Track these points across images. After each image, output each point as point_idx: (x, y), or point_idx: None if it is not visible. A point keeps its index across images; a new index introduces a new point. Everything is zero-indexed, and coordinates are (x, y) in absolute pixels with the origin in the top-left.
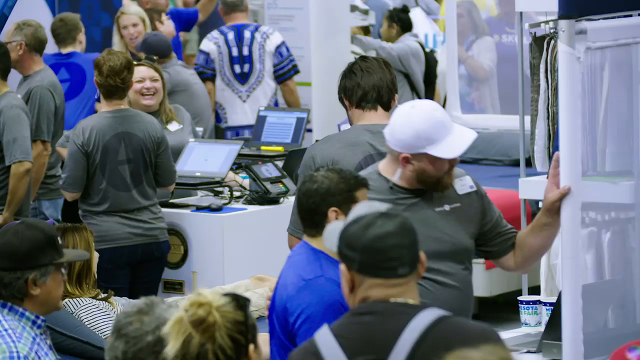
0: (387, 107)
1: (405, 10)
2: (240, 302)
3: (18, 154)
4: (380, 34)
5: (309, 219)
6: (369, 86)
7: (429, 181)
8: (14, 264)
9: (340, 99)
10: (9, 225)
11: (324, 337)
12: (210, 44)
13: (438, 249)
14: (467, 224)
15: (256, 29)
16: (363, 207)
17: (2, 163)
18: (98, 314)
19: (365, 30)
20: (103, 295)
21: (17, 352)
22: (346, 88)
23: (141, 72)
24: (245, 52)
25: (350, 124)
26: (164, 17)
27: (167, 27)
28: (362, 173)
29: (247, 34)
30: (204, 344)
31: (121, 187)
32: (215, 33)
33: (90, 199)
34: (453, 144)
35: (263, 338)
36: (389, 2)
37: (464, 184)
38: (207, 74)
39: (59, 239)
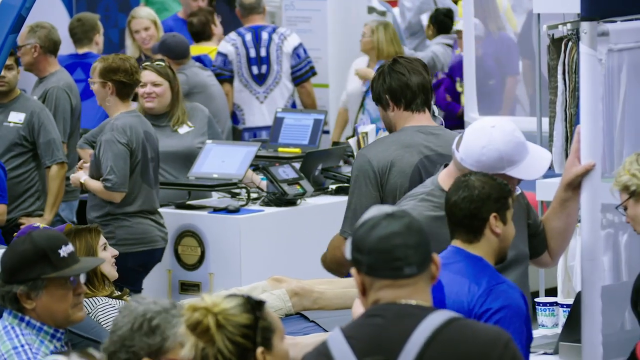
0: (430, 109)
1: (447, 14)
2: (250, 304)
3: (61, 154)
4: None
5: (469, 224)
6: (418, 88)
7: None
8: (4, 276)
9: (381, 99)
10: (22, 234)
11: (335, 339)
12: (228, 45)
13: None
14: (523, 228)
15: (274, 30)
16: (372, 211)
17: (34, 161)
18: (114, 314)
19: None
20: (118, 293)
21: None
22: (392, 88)
23: (145, 76)
24: (263, 53)
25: (389, 126)
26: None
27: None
28: (422, 187)
29: (264, 36)
30: (204, 348)
31: (153, 185)
32: (233, 35)
33: (124, 199)
34: (534, 164)
35: (293, 341)
36: (407, 3)
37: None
38: (224, 76)
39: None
